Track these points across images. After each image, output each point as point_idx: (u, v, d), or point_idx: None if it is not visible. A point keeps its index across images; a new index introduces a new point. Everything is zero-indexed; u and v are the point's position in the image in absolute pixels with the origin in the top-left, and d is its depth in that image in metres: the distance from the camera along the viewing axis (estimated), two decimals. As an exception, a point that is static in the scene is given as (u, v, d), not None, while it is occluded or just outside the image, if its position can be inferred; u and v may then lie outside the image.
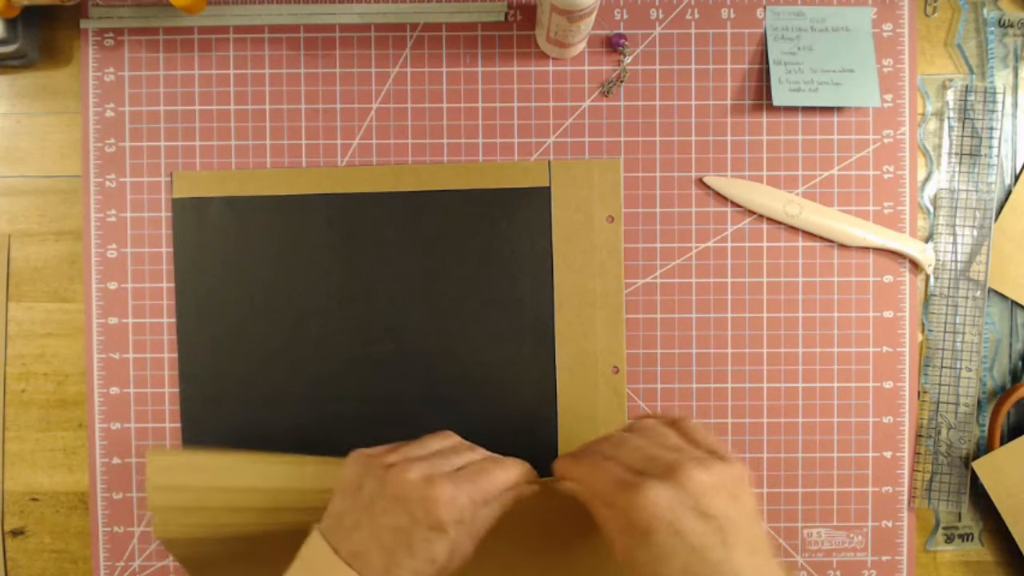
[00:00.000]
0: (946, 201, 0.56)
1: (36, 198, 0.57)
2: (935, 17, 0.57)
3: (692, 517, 0.37)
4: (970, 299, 0.56)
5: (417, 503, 0.39)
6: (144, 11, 0.55)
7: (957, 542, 0.56)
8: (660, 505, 0.37)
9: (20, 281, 0.57)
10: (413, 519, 0.39)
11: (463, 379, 0.55)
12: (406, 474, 0.40)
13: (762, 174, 0.56)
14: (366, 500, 0.40)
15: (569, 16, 0.48)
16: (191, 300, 0.55)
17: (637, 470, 0.39)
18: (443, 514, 0.39)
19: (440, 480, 0.40)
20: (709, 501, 0.37)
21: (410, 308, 0.55)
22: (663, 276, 0.56)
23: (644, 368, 0.56)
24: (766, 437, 0.56)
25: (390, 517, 0.39)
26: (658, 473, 0.38)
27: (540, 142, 0.56)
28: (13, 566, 0.57)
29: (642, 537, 0.37)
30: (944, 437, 0.56)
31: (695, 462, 0.38)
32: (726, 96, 0.56)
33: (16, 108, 0.57)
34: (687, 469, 0.38)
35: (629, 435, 0.43)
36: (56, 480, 0.57)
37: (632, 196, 0.56)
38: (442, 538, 0.39)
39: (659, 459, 0.39)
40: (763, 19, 0.56)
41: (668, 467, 0.38)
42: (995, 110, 0.55)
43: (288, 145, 0.56)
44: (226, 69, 0.56)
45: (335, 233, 0.55)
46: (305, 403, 0.55)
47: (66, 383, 0.57)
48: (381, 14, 0.55)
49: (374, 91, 0.56)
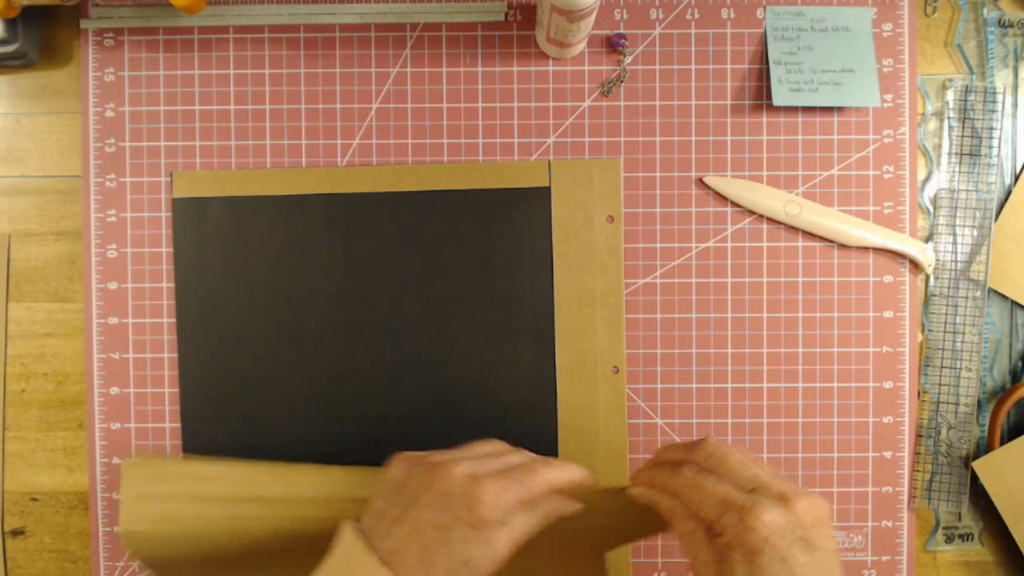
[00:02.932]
0: (946, 201, 0.56)
1: (36, 198, 0.57)
2: (935, 17, 0.57)
3: (799, 546, 0.37)
4: (970, 299, 0.56)
5: (460, 499, 0.39)
6: (144, 11, 0.55)
7: (957, 542, 0.56)
8: (773, 528, 0.37)
9: (20, 281, 0.57)
10: (455, 516, 0.39)
11: (463, 379, 0.55)
12: (452, 470, 0.40)
13: (762, 174, 0.56)
14: (409, 496, 0.40)
15: (569, 16, 0.48)
16: (191, 300, 0.55)
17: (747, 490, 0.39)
18: (486, 512, 0.38)
19: (486, 477, 0.39)
20: (816, 533, 0.38)
21: (410, 308, 0.55)
22: (663, 276, 0.56)
23: (644, 368, 0.56)
24: (766, 437, 0.56)
25: (432, 512, 0.39)
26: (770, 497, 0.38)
27: (540, 142, 0.56)
28: (13, 566, 0.57)
29: (745, 557, 0.37)
30: (944, 437, 0.56)
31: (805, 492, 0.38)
32: (726, 96, 0.56)
33: (16, 108, 0.57)
34: (801, 497, 0.38)
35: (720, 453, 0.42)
36: (56, 480, 0.57)
37: (632, 196, 0.56)
38: (481, 538, 0.38)
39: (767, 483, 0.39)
40: (763, 19, 0.56)
41: (781, 493, 0.38)
42: (995, 110, 0.55)
43: (288, 145, 0.56)
44: (226, 69, 0.56)
45: (335, 233, 0.55)
46: (305, 403, 0.55)
47: (66, 383, 0.57)
48: (381, 14, 0.55)
49: (374, 91, 0.56)
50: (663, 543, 0.56)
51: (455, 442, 0.53)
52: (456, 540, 0.38)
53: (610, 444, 0.55)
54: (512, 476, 0.40)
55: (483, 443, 0.46)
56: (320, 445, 0.55)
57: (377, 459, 0.55)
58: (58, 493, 0.57)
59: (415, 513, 0.39)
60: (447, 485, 0.39)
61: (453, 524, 0.38)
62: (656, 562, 0.56)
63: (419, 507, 0.39)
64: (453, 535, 0.38)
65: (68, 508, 0.57)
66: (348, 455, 0.55)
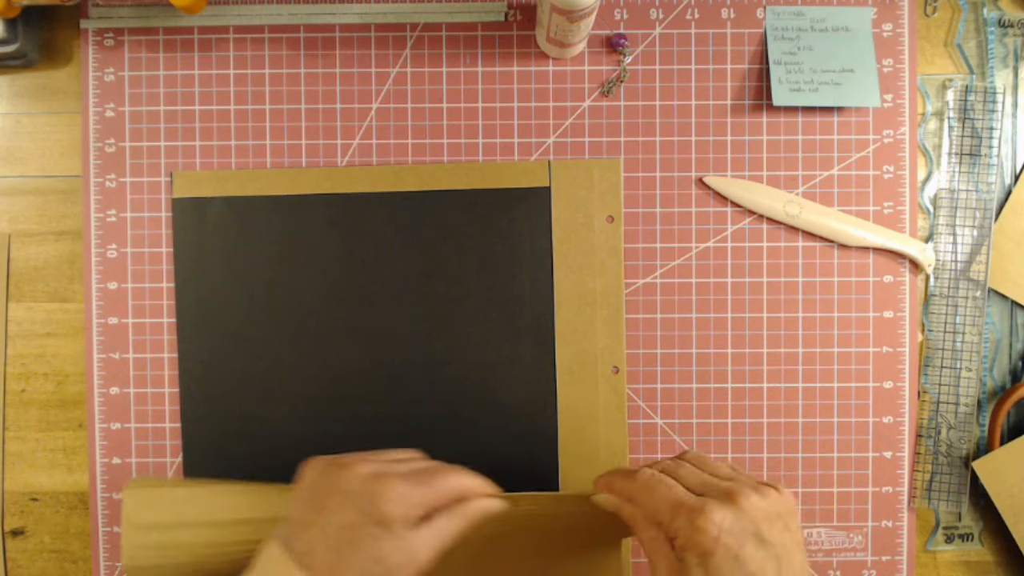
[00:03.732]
0: (946, 201, 0.56)
1: (36, 198, 0.57)
2: (935, 17, 0.57)
3: (752, 543, 0.37)
4: (970, 299, 0.56)
5: (365, 497, 0.39)
6: (144, 11, 0.55)
7: (957, 542, 0.56)
8: (723, 527, 0.37)
9: (20, 281, 0.57)
10: (361, 513, 0.39)
11: (463, 379, 0.55)
12: (358, 469, 0.40)
13: (762, 174, 0.56)
14: (319, 500, 0.40)
15: (569, 16, 0.48)
16: (191, 300, 0.55)
17: (697, 492, 0.39)
18: (390, 508, 0.39)
19: (390, 476, 0.40)
20: (767, 528, 0.38)
21: (410, 308, 0.55)
22: (663, 276, 0.56)
23: (644, 368, 0.56)
24: (766, 437, 0.56)
25: (339, 514, 0.39)
26: (718, 497, 0.38)
27: (540, 142, 0.56)
28: (13, 566, 0.57)
29: (699, 559, 0.37)
30: (944, 437, 0.56)
31: (753, 489, 0.39)
32: (726, 96, 0.56)
33: (16, 108, 0.57)
34: (748, 495, 0.38)
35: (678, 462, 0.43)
36: (56, 480, 0.57)
37: (632, 196, 0.56)
38: (389, 536, 0.39)
39: (716, 484, 0.40)
40: (763, 19, 0.56)
41: (727, 492, 0.38)
42: (995, 110, 0.55)
43: (288, 145, 0.56)
44: (226, 69, 0.56)
45: (335, 233, 0.55)
46: (305, 403, 0.55)
47: (66, 383, 0.57)
48: (381, 14, 0.55)
49: (374, 91, 0.56)
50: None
51: (455, 442, 0.53)
52: (364, 538, 0.38)
53: (610, 444, 0.55)
54: (418, 477, 0.41)
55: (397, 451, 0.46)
56: (320, 445, 0.55)
57: (377, 459, 0.55)
58: (58, 493, 0.57)
59: (324, 516, 0.40)
60: (352, 484, 0.40)
61: (359, 522, 0.39)
62: (656, 562, 0.56)
63: (328, 509, 0.40)
64: (361, 533, 0.39)
65: (68, 508, 0.57)
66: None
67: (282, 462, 0.55)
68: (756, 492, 0.38)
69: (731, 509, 0.37)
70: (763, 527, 0.38)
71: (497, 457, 0.55)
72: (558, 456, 0.55)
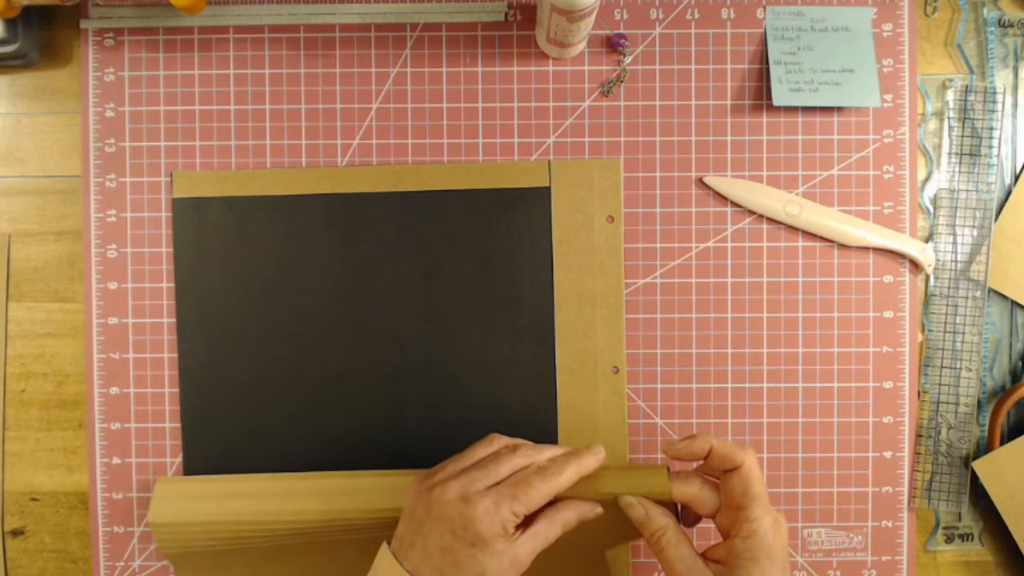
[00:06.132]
0: (946, 201, 0.56)
1: (36, 198, 0.57)
2: (935, 17, 0.57)
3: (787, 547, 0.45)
4: (970, 299, 0.55)
5: (456, 521, 0.41)
6: (144, 11, 0.55)
7: (957, 542, 0.56)
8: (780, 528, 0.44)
9: (20, 281, 0.57)
10: (456, 537, 0.41)
11: (463, 379, 0.55)
12: (444, 495, 0.42)
13: (762, 174, 0.56)
14: (417, 523, 0.43)
15: (569, 16, 0.48)
16: (191, 300, 0.55)
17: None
18: (482, 529, 0.40)
19: (476, 497, 0.41)
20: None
21: (409, 308, 0.55)
22: (663, 276, 0.56)
23: (644, 368, 0.56)
24: (766, 437, 0.56)
25: (436, 538, 0.41)
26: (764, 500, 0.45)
27: (540, 142, 0.56)
28: (13, 566, 0.57)
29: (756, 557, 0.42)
30: (944, 437, 0.56)
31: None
32: (726, 96, 0.56)
33: (16, 108, 0.57)
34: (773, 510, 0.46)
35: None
36: (56, 480, 0.57)
37: (632, 196, 0.56)
38: (486, 553, 0.40)
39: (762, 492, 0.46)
40: (763, 19, 0.56)
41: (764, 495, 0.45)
42: (995, 110, 0.55)
43: (288, 145, 0.56)
44: (226, 69, 0.56)
45: (335, 233, 0.55)
46: (305, 403, 0.55)
47: (66, 383, 0.57)
48: (381, 14, 0.55)
49: (374, 91, 0.56)
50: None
51: (455, 442, 0.53)
52: (464, 559, 0.41)
53: (610, 444, 0.55)
54: (506, 491, 0.42)
55: (481, 444, 0.47)
56: (320, 444, 0.55)
57: (376, 459, 0.55)
58: (58, 493, 0.57)
59: (423, 539, 0.42)
60: (442, 511, 0.42)
61: (456, 546, 0.41)
62: (656, 563, 0.56)
63: (424, 533, 0.42)
64: (460, 556, 0.41)
65: (68, 508, 0.57)
66: (347, 455, 0.55)
67: (282, 461, 0.55)
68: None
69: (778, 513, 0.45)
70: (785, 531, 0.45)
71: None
72: (558, 456, 0.55)
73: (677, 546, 0.43)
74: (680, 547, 0.43)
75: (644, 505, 0.45)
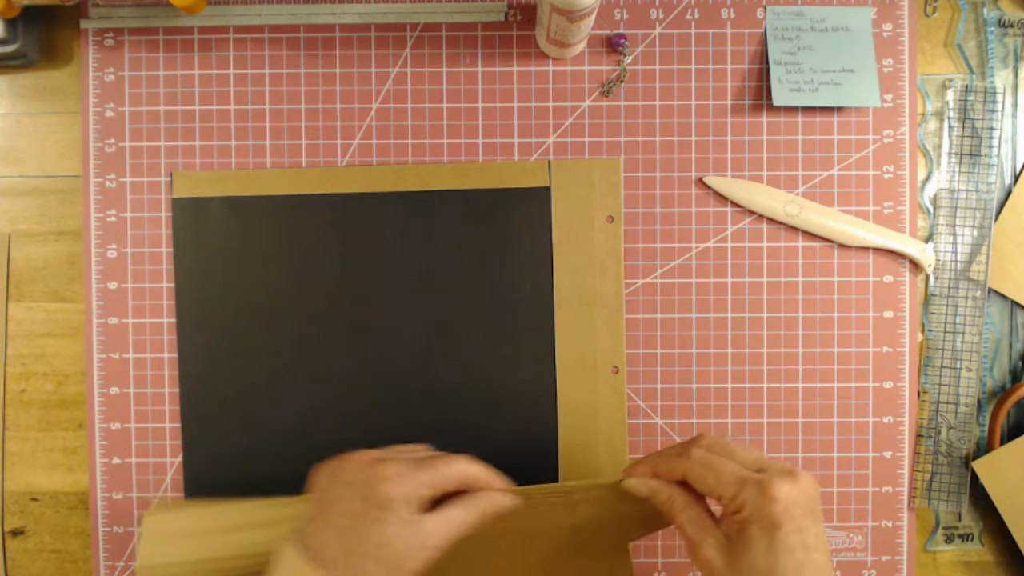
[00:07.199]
0: (946, 201, 0.56)
1: (36, 198, 0.57)
2: (935, 17, 0.57)
3: (810, 518, 0.39)
4: (970, 299, 0.55)
5: (364, 483, 0.40)
6: (144, 11, 0.55)
7: (957, 542, 0.56)
8: (791, 500, 0.38)
9: (20, 281, 0.57)
10: (363, 500, 0.39)
11: (463, 379, 0.55)
12: (357, 458, 0.41)
13: (762, 174, 0.56)
14: (326, 496, 0.41)
15: (569, 16, 0.48)
16: (191, 300, 0.55)
17: (755, 469, 0.41)
18: (389, 489, 0.39)
19: (388, 459, 0.41)
20: (818, 507, 0.40)
21: (410, 308, 0.55)
22: (663, 276, 0.56)
23: (644, 368, 0.56)
24: (766, 437, 0.56)
25: (343, 504, 0.40)
26: (780, 473, 0.40)
27: (540, 142, 0.56)
28: (13, 566, 0.57)
29: (765, 531, 0.38)
30: (944, 437, 0.56)
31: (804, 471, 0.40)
32: (726, 96, 0.56)
33: (16, 108, 0.57)
34: (804, 475, 0.40)
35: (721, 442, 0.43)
36: (56, 480, 0.57)
37: (632, 196, 0.56)
38: (393, 519, 0.39)
39: (772, 464, 0.41)
40: (763, 19, 0.56)
41: (788, 470, 0.40)
42: (995, 110, 0.55)
43: (288, 145, 0.56)
44: (226, 69, 0.56)
45: (335, 233, 0.55)
46: (305, 403, 0.55)
47: (66, 383, 0.57)
48: (381, 14, 0.55)
49: (374, 91, 0.56)
50: (663, 543, 0.56)
51: (454, 442, 0.53)
52: (368, 523, 0.39)
53: (610, 444, 0.55)
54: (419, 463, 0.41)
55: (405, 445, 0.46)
56: (319, 444, 0.55)
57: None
58: (58, 493, 0.57)
59: (331, 508, 0.40)
60: (353, 474, 0.40)
61: (362, 507, 0.39)
62: (656, 562, 0.56)
63: (329, 502, 0.41)
64: (364, 519, 0.39)
65: (68, 508, 0.57)
66: (348, 455, 0.55)
67: (282, 461, 0.55)
68: (808, 473, 0.40)
69: (794, 484, 0.39)
70: (815, 505, 0.40)
71: (497, 457, 0.55)
72: (558, 456, 0.55)
73: (686, 509, 0.42)
74: (689, 510, 0.42)
75: (646, 483, 0.44)
